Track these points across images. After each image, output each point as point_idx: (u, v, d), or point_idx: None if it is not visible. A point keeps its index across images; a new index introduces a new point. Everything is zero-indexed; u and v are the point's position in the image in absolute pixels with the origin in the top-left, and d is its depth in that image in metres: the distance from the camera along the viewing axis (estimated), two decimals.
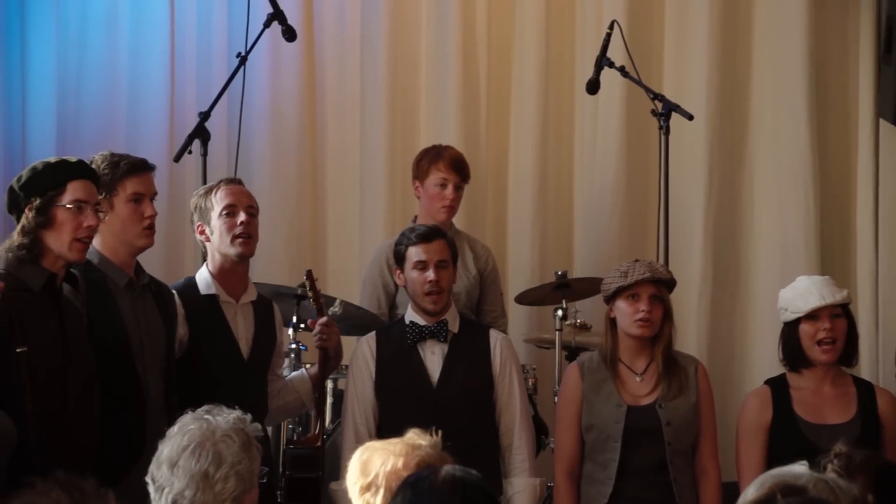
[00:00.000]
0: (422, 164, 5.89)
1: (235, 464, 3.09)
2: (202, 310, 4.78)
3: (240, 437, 3.12)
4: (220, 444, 3.09)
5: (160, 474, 3.10)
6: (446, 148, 5.99)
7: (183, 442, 3.10)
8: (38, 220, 4.19)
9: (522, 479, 4.93)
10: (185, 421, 3.15)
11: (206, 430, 3.11)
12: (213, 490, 3.06)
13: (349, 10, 6.95)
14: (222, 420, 3.13)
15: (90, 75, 6.56)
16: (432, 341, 4.96)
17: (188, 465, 3.07)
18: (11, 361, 4.04)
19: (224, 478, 3.07)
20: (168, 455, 3.10)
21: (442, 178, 5.83)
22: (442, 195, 5.83)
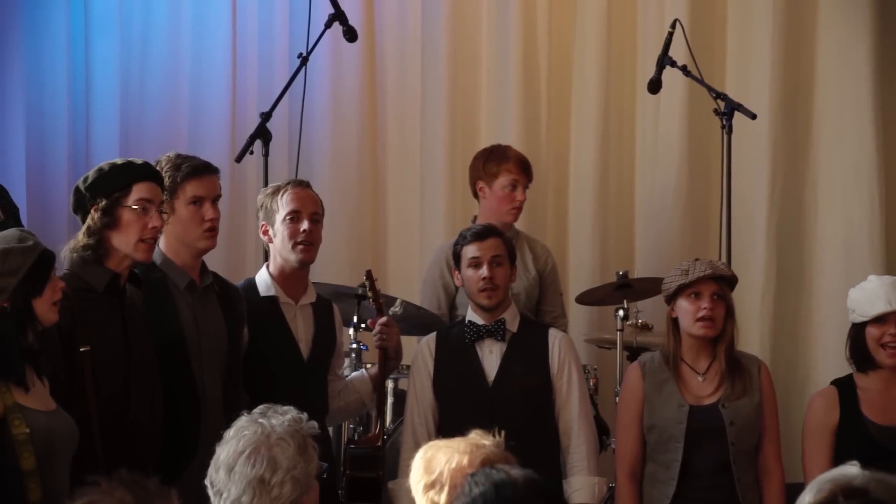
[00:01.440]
0: (489, 166, 5.87)
1: (291, 468, 3.09)
2: (262, 311, 4.79)
3: (295, 440, 3.12)
4: (275, 448, 3.09)
5: (218, 479, 3.10)
6: (508, 147, 5.97)
7: (238, 447, 3.10)
8: (103, 221, 4.21)
9: (581, 478, 4.90)
10: (240, 424, 3.16)
11: (260, 434, 3.11)
12: (270, 495, 3.07)
13: (410, 11, 6.95)
14: (277, 423, 3.13)
15: (153, 78, 6.61)
16: (490, 340, 4.95)
17: (244, 471, 3.07)
18: (75, 361, 4.07)
19: (280, 483, 3.07)
20: (225, 460, 3.10)
21: (513, 179, 5.82)
22: (512, 197, 5.82)
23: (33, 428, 3.72)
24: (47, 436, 3.75)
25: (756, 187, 6.70)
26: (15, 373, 3.74)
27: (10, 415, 3.70)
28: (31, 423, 3.72)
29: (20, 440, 3.69)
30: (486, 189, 5.87)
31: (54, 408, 3.86)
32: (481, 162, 5.92)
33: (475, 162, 5.96)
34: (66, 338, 4.06)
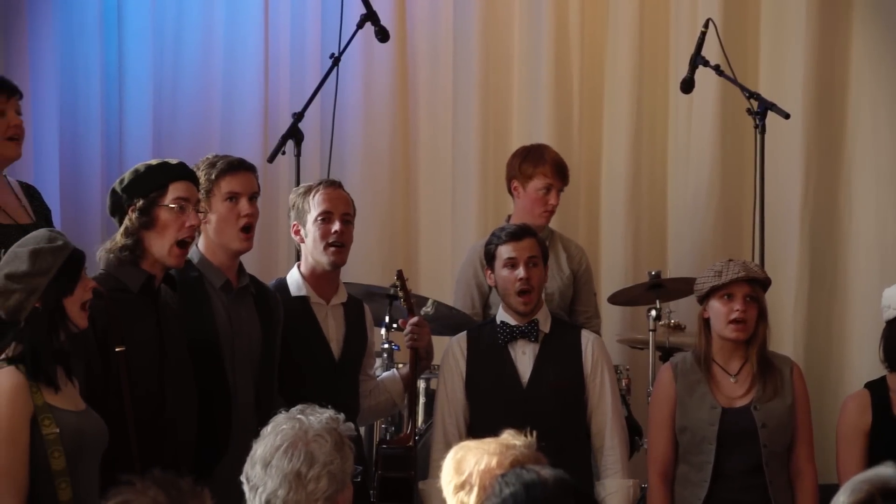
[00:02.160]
0: (525, 166, 5.85)
1: (328, 463, 3.09)
2: (293, 312, 4.79)
3: (332, 437, 3.12)
4: (312, 443, 3.10)
5: (254, 473, 3.11)
6: (546, 149, 5.94)
7: (276, 442, 3.11)
8: (141, 221, 4.23)
9: (615, 481, 4.89)
10: (278, 420, 3.16)
11: (298, 429, 3.12)
12: (306, 490, 3.07)
13: (442, 11, 6.96)
14: (315, 420, 3.14)
15: (185, 77, 6.63)
16: (523, 341, 4.94)
17: (281, 465, 3.08)
18: (111, 361, 4.09)
19: (316, 477, 3.08)
20: (262, 454, 3.11)
21: (547, 183, 5.81)
22: (545, 200, 5.81)
23: (63, 428, 3.73)
24: (77, 436, 3.76)
25: (789, 187, 6.68)
26: (45, 373, 3.76)
27: (41, 415, 3.71)
28: (60, 423, 3.73)
29: (50, 440, 3.71)
30: (520, 189, 5.86)
31: (84, 408, 3.87)
32: (518, 161, 5.90)
33: (512, 160, 5.94)
34: (101, 338, 4.08)
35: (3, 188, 4.62)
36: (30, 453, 3.69)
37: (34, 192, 4.77)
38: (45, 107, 5.94)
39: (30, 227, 4.47)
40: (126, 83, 6.47)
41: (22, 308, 3.77)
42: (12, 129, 4.57)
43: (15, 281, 3.77)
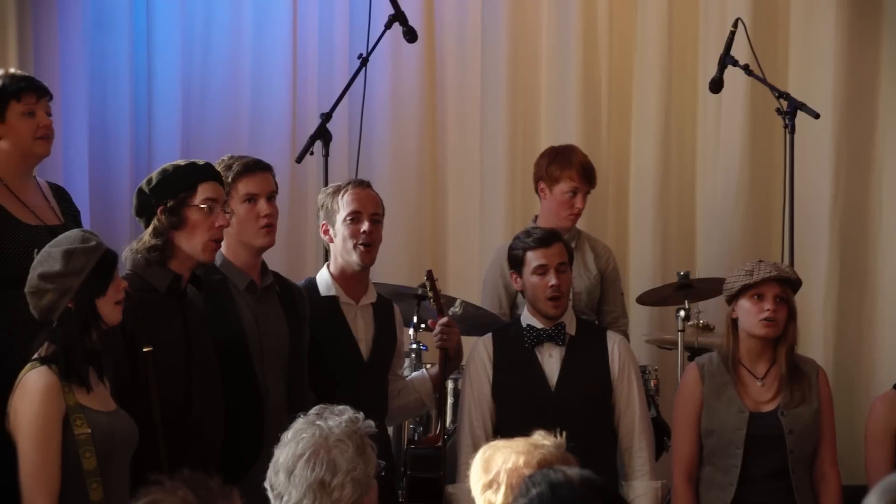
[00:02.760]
0: (552, 168, 5.83)
1: (350, 470, 3.09)
2: (322, 311, 4.80)
3: (353, 441, 3.12)
4: (333, 450, 3.09)
5: (278, 481, 3.11)
6: (575, 152, 5.91)
7: (297, 450, 3.10)
8: (171, 221, 4.24)
9: (643, 483, 4.88)
10: (297, 427, 3.16)
11: (318, 437, 3.11)
12: (331, 498, 3.07)
13: (470, 11, 6.95)
14: (334, 424, 3.13)
15: (214, 79, 6.64)
16: (550, 344, 4.93)
17: (304, 475, 3.07)
18: (138, 361, 4.10)
19: (340, 485, 3.08)
20: (284, 463, 3.10)
21: (574, 187, 5.79)
22: (571, 203, 5.79)
23: (94, 428, 3.75)
24: (108, 436, 3.78)
25: (819, 187, 6.65)
26: (77, 373, 3.77)
27: (72, 415, 3.73)
28: (92, 423, 3.75)
29: (82, 440, 3.72)
30: (546, 191, 5.85)
31: (115, 408, 3.89)
32: (545, 162, 5.88)
33: (540, 160, 5.93)
34: (128, 338, 4.09)
35: (33, 189, 4.64)
36: (61, 453, 3.71)
37: (63, 194, 4.78)
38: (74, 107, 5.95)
39: (58, 228, 4.48)
40: (155, 83, 6.48)
41: (55, 308, 3.79)
42: (42, 129, 4.58)
43: (48, 281, 3.79)
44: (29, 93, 4.55)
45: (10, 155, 4.55)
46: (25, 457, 3.70)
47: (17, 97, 4.52)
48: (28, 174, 4.63)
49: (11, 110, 4.52)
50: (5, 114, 4.52)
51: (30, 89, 4.56)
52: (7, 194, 4.53)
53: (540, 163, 5.92)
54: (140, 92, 6.43)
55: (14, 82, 4.55)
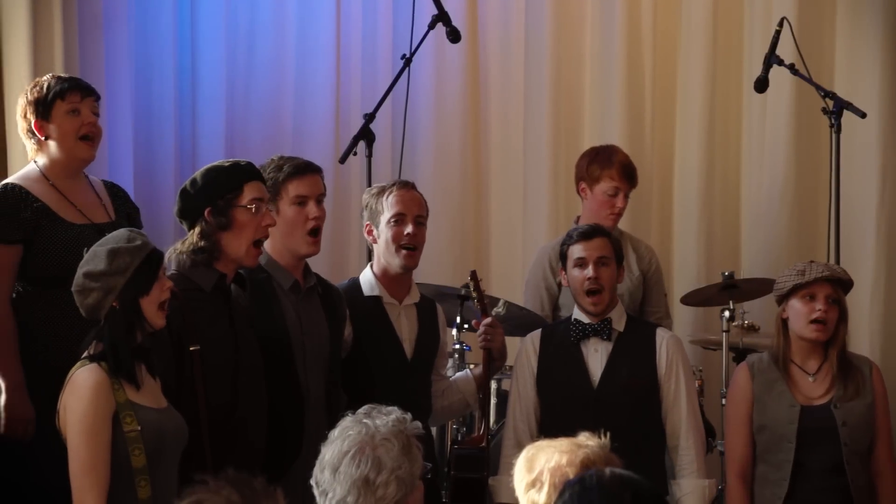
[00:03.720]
0: (592, 168, 5.82)
1: (395, 469, 3.09)
2: (366, 311, 4.80)
3: (399, 441, 3.12)
4: (379, 448, 3.10)
5: (323, 478, 3.11)
6: (615, 151, 5.90)
7: (343, 447, 3.11)
8: (219, 222, 4.25)
9: (691, 481, 4.85)
10: (345, 425, 3.16)
11: (365, 434, 3.11)
12: (375, 495, 3.07)
13: (513, 11, 6.95)
14: (381, 423, 3.14)
15: (258, 80, 6.66)
16: (596, 339, 4.92)
17: (349, 471, 3.08)
18: (185, 360, 4.12)
19: (385, 483, 3.08)
20: (330, 460, 3.11)
21: (614, 186, 5.78)
22: (612, 203, 5.78)
23: (144, 425, 3.76)
24: (158, 433, 3.79)
25: (866, 187, 6.60)
26: (126, 370, 3.79)
27: (122, 412, 3.74)
28: (141, 420, 3.76)
29: (131, 437, 3.74)
30: (587, 191, 5.84)
31: (165, 405, 3.90)
32: (586, 162, 5.87)
33: (581, 161, 5.92)
34: (175, 337, 4.10)
35: (83, 188, 4.69)
36: (111, 450, 3.72)
37: (118, 192, 4.85)
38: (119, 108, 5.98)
39: (107, 226, 4.53)
40: (199, 84, 6.51)
41: (100, 306, 3.81)
42: (86, 127, 4.64)
43: (93, 280, 3.81)
44: (73, 92, 4.64)
45: (57, 155, 4.64)
46: (75, 454, 3.72)
47: (62, 96, 4.62)
48: (76, 174, 4.70)
49: (57, 109, 4.61)
50: (51, 113, 4.60)
51: (74, 88, 4.65)
52: (54, 194, 4.59)
53: (581, 163, 5.91)
54: (184, 92, 6.46)
55: (59, 83, 4.65)
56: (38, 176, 4.62)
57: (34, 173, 4.64)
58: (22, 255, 4.55)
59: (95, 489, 3.68)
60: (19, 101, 4.69)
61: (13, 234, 4.50)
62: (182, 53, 6.43)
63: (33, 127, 4.62)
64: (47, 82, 4.65)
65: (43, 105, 4.60)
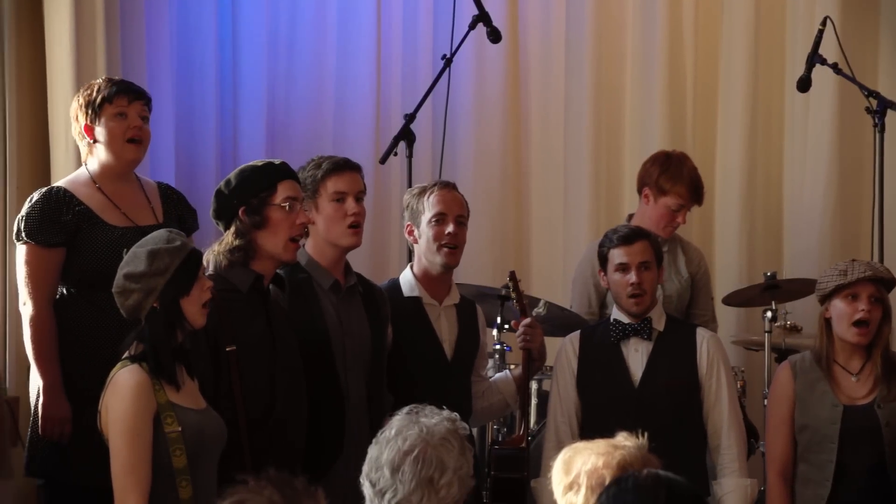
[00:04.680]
0: (662, 179, 5.73)
1: (457, 469, 3.10)
2: (406, 312, 4.80)
3: (457, 441, 3.13)
4: (440, 448, 3.10)
5: (380, 477, 3.11)
6: (685, 165, 5.78)
7: (403, 447, 3.10)
8: (253, 221, 4.26)
9: (732, 480, 4.83)
10: (399, 425, 3.16)
11: (423, 434, 3.11)
12: (438, 496, 3.07)
13: (554, 11, 6.94)
14: (435, 423, 3.14)
15: (299, 80, 6.67)
16: (636, 339, 4.90)
17: (413, 471, 3.08)
18: (222, 361, 4.13)
19: (448, 484, 3.08)
20: (389, 459, 3.11)
21: (680, 203, 5.74)
22: (673, 217, 5.74)
23: (184, 426, 3.77)
24: (198, 434, 3.80)
25: None
26: (167, 371, 3.80)
27: (163, 413, 3.76)
28: (182, 421, 3.77)
29: (172, 438, 3.75)
30: (650, 199, 5.77)
31: (204, 406, 3.91)
32: (656, 171, 5.76)
33: (651, 167, 5.80)
34: (211, 338, 4.11)
35: (131, 191, 4.74)
36: (152, 451, 3.74)
37: (172, 194, 4.89)
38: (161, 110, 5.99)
39: (151, 228, 4.54)
40: (240, 85, 6.53)
41: (140, 307, 3.82)
42: (132, 130, 4.68)
43: (133, 281, 3.82)
44: (121, 95, 4.69)
45: (105, 158, 4.70)
46: (117, 454, 3.74)
47: (110, 100, 4.68)
48: (124, 176, 4.75)
49: (105, 112, 4.67)
50: (100, 116, 4.67)
51: (122, 92, 4.70)
52: (99, 196, 4.65)
53: (650, 170, 5.80)
54: (226, 94, 6.48)
55: (108, 86, 4.72)
56: (86, 179, 4.70)
57: (82, 177, 4.71)
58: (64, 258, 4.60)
59: (137, 490, 3.70)
60: (72, 104, 4.76)
61: (54, 237, 4.57)
62: (223, 54, 6.46)
63: (83, 130, 4.69)
64: (98, 85, 4.72)
65: (92, 108, 4.67)
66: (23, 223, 4.60)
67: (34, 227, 4.58)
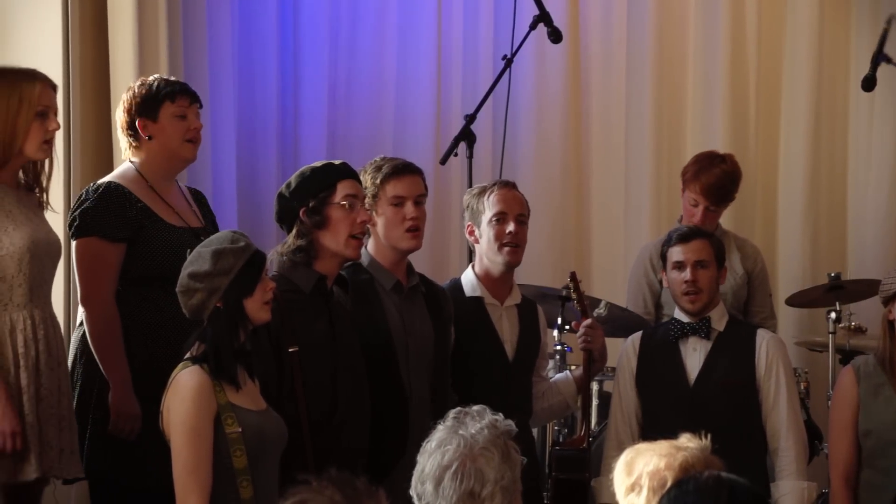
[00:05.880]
0: (685, 174, 5.79)
1: (499, 479, 3.08)
2: (467, 312, 4.81)
3: (498, 449, 3.10)
4: (479, 459, 3.08)
5: (424, 491, 3.10)
6: (717, 165, 5.78)
7: (443, 462, 3.09)
8: (314, 221, 4.28)
9: (789, 482, 4.80)
10: (440, 437, 3.14)
11: (463, 447, 3.09)
12: None
13: (615, 11, 6.92)
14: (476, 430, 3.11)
15: (359, 81, 6.69)
16: (695, 339, 4.89)
17: (453, 486, 3.06)
18: (284, 362, 4.15)
19: (490, 495, 3.07)
20: (430, 473, 3.09)
21: (693, 199, 5.74)
22: (692, 213, 5.74)
23: (245, 427, 3.79)
24: (258, 435, 3.82)
25: None
26: (228, 372, 3.83)
27: (224, 414, 3.78)
28: (242, 422, 3.79)
29: (233, 438, 3.77)
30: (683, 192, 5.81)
31: (265, 407, 3.93)
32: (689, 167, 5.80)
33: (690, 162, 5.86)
34: (274, 339, 4.13)
35: (176, 192, 4.72)
36: (213, 451, 3.76)
37: (201, 198, 4.87)
38: (222, 112, 6.04)
39: (200, 230, 4.56)
40: (301, 87, 6.55)
41: (204, 307, 3.84)
42: (191, 131, 4.66)
43: (197, 280, 3.84)
44: (183, 96, 4.63)
45: (158, 156, 4.62)
46: (178, 455, 3.76)
47: (172, 99, 4.61)
48: (172, 177, 4.71)
49: (164, 111, 4.59)
50: (158, 114, 4.59)
51: (184, 93, 4.64)
52: (152, 195, 4.60)
53: (687, 164, 5.86)
54: (286, 97, 6.51)
55: (169, 85, 4.64)
56: (136, 176, 4.60)
57: (131, 173, 4.61)
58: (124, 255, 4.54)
59: (198, 490, 3.72)
60: (123, 96, 4.66)
61: (119, 232, 4.49)
62: (284, 58, 6.49)
63: (137, 125, 4.59)
64: (156, 82, 4.63)
65: (150, 104, 4.58)
66: (86, 216, 4.49)
67: (98, 220, 4.48)
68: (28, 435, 4.14)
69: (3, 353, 4.18)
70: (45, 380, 4.23)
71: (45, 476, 4.22)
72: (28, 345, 4.21)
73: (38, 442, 4.17)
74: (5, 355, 4.18)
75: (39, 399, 4.20)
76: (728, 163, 5.82)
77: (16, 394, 4.16)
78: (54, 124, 4.30)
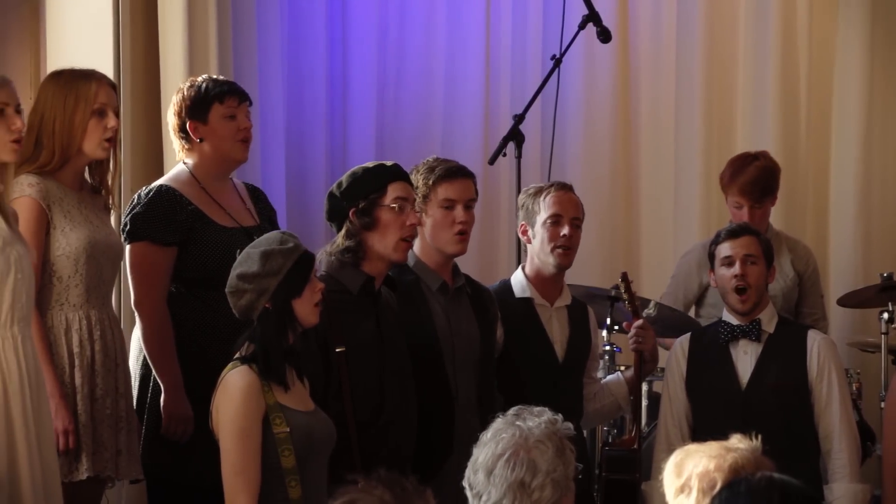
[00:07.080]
0: (722, 179, 5.76)
1: (550, 471, 3.07)
2: (517, 313, 4.80)
3: (553, 443, 3.10)
4: (533, 451, 3.08)
5: (476, 480, 3.11)
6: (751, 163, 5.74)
7: (497, 450, 3.09)
8: (363, 222, 4.28)
9: (843, 485, 4.76)
10: (497, 427, 3.15)
11: (518, 437, 3.10)
12: (531, 499, 3.06)
13: (665, 10, 6.89)
14: (534, 425, 3.12)
15: (408, 81, 6.70)
16: (745, 341, 4.86)
17: (504, 474, 3.07)
18: (331, 362, 4.15)
19: (540, 486, 3.06)
20: (483, 462, 3.10)
21: (736, 201, 5.70)
22: (738, 215, 5.70)
23: (293, 427, 3.80)
24: (306, 435, 3.83)
25: None
26: (276, 372, 3.83)
27: (272, 414, 3.79)
28: (291, 422, 3.80)
29: (281, 438, 3.78)
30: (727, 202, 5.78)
31: (313, 408, 3.93)
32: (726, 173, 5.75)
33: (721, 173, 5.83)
34: (321, 339, 4.14)
35: (229, 191, 4.72)
36: (262, 451, 3.78)
37: (259, 194, 4.86)
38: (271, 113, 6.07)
39: (253, 229, 4.56)
40: (350, 87, 6.57)
41: (253, 308, 3.86)
42: (242, 132, 4.65)
43: (246, 281, 3.86)
44: (232, 96, 4.62)
45: (209, 157, 4.62)
46: (227, 455, 3.77)
47: (221, 100, 4.60)
48: (225, 177, 4.70)
49: (214, 112, 4.59)
50: (208, 116, 4.59)
51: (232, 93, 4.63)
52: (204, 197, 4.61)
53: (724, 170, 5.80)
54: (335, 96, 6.52)
55: (217, 86, 4.63)
56: (189, 178, 4.60)
57: (184, 175, 4.62)
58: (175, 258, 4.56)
59: (247, 490, 3.73)
60: (173, 99, 4.66)
61: (169, 236, 4.51)
62: (333, 58, 6.50)
63: (187, 127, 4.59)
64: (205, 83, 4.62)
65: (199, 107, 4.58)
66: (137, 221, 4.51)
67: (149, 225, 4.49)
68: (81, 434, 4.17)
69: (58, 353, 4.21)
70: (101, 380, 4.25)
71: (98, 476, 4.24)
72: (83, 345, 4.23)
73: (91, 442, 4.20)
74: (60, 354, 4.21)
75: (94, 399, 4.23)
76: (762, 159, 5.78)
77: (70, 393, 4.19)
78: (113, 122, 4.30)
